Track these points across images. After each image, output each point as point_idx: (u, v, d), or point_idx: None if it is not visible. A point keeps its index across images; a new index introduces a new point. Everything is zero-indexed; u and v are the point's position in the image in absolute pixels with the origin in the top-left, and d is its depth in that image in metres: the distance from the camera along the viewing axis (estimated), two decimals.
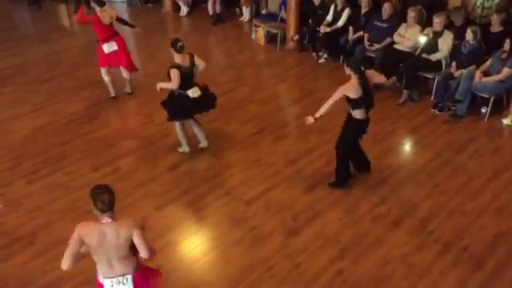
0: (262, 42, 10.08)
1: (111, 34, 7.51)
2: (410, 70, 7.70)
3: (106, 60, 7.60)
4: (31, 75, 8.85)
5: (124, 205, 5.65)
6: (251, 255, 4.97)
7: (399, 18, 8.33)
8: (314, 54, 9.41)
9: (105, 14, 7.32)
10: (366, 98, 5.38)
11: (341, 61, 9.03)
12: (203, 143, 6.57)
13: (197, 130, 6.52)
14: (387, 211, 5.54)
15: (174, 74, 5.86)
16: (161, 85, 6.08)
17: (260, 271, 4.79)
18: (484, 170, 6.20)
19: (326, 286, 4.63)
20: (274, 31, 9.92)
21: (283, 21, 10.02)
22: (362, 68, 5.34)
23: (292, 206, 5.63)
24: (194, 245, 5.20)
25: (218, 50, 10.48)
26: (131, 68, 7.92)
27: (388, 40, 8.24)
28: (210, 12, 11.18)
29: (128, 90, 8.07)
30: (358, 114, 5.45)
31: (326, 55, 9.25)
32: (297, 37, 9.55)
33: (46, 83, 8.56)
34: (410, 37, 7.99)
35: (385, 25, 8.30)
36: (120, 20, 7.79)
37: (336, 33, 9.01)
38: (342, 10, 8.99)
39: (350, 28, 8.80)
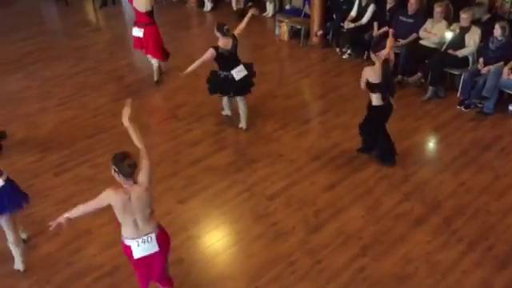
0: (286, 37, 10.05)
1: (143, 22, 7.81)
2: (436, 67, 7.58)
3: (137, 43, 8.08)
4: (58, 69, 9.01)
5: None
6: (272, 251, 4.99)
7: (425, 14, 8.19)
8: (337, 50, 9.34)
9: (137, 0, 7.65)
10: (383, 85, 5.53)
11: (365, 57, 8.95)
12: (242, 123, 6.92)
13: (241, 109, 6.85)
14: (410, 209, 5.48)
15: (208, 52, 6.32)
16: (188, 69, 6.50)
17: (281, 267, 4.80)
18: (511, 168, 6.07)
19: (348, 283, 4.61)
20: (298, 26, 9.88)
21: (307, 16, 9.96)
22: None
23: (314, 202, 5.62)
24: (215, 239, 5.24)
25: (241, 46, 10.42)
26: (159, 57, 8.19)
27: (414, 36, 8.12)
28: (234, 7, 11.19)
29: (155, 77, 8.32)
30: (374, 99, 5.65)
31: (349, 51, 9.17)
32: (320, 32, 9.49)
33: (72, 78, 8.70)
34: (437, 32, 7.85)
35: (410, 20, 8.17)
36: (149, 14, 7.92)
37: (360, 28, 8.92)
38: (367, 5, 8.89)
39: (375, 23, 8.70)
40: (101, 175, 6.13)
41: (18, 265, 4.80)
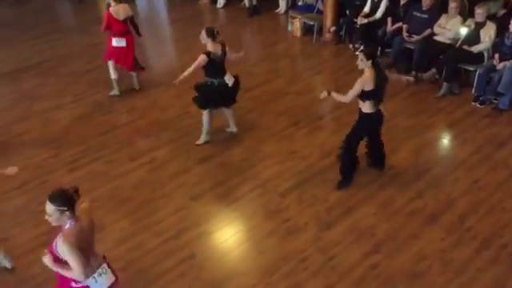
0: (298, 33, 10.02)
1: (124, 31, 7.48)
2: (451, 62, 7.50)
3: (115, 54, 7.59)
4: (72, 67, 9.09)
5: (160, 195, 5.78)
6: (284, 247, 4.99)
7: (440, 9, 8.11)
8: (350, 46, 9.29)
9: (118, 9, 7.32)
10: (377, 91, 5.17)
11: (378, 52, 8.88)
12: (232, 128, 6.75)
13: (229, 114, 6.66)
14: (423, 206, 5.44)
15: (200, 57, 5.98)
16: (181, 77, 6.12)
17: (293, 263, 4.80)
18: None
19: (360, 280, 4.60)
20: (311, 23, 9.84)
21: (320, 12, 9.92)
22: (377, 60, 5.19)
23: (326, 199, 5.61)
24: (227, 235, 5.26)
25: (253, 42, 10.49)
26: (132, 69, 7.90)
27: (428, 31, 8.04)
28: (247, 4, 11.19)
29: (136, 86, 8.03)
30: (366, 106, 5.24)
31: (362, 47, 9.09)
32: (333, 28, 9.45)
33: (85, 75, 8.78)
34: (451, 28, 7.77)
35: (425, 15, 8.10)
36: (132, 22, 7.71)
37: (374, 24, 8.86)
38: (380, 0, 8.82)
39: (389, 19, 8.63)
40: (114, 171, 6.19)
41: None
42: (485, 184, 5.73)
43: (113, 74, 7.74)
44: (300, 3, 10.79)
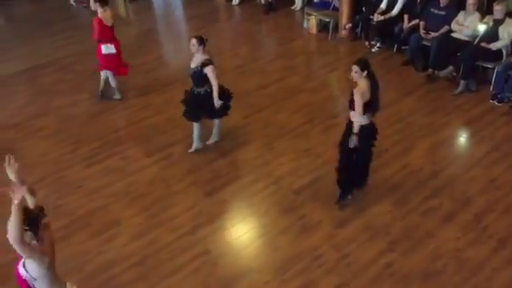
0: (314, 30, 9.98)
1: (112, 37, 7.31)
2: (468, 60, 7.41)
3: (109, 62, 7.41)
4: (89, 63, 9.14)
5: (174, 191, 5.83)
6: (298, 244, 5.00)
7: (457, 6, 8.01)
8: (366, 43, 9.23)
9: (107, 15, 7.13)
10: (373, 101, 4.92)
11: (394, 50, 8.83)
12: (214, 138, 6.52)
13: (217, 124, 6.43)
14: (439, 205, 5.40)
15: (212, 68, 5.77)
16: (215, 94, 5.90)
17: (307, 260, 4.81)
18: None
19: (375, 278, 4.59)
20: (327, 19, 9.79)
21: (336, 9, 9.87)
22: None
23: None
24: (242, 232, 5.28)
25: (269, 39, 10.48)
26: (126, 72, 7.70)
27: (445, 28, 7.95)
28: (263, 1, 11.17)
29: (118, 96, 7.80)
30: (362, 119, 4.93)
31: (379, 44, 9.05)
32: (349, 25, 9.39)
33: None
34: (469, 25, 7.67)
35: (442, 12, 8.01)
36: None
37: (390, 21, 8.78)
38: None
39: (405, 16, 8.55)
40: (129, 167, 6.25)
41: None
42: (502, 183, 5.66)
43: (112, 83, 7.63)
44: (316, 0, 10.73)
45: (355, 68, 4.83)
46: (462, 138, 6.77)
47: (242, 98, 7.63)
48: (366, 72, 4.83)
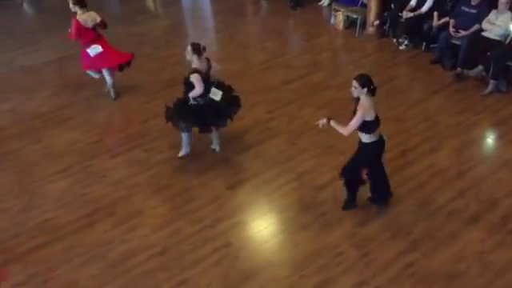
0: (341, 26, 9.90)
1: (96, 37, 7.22)
2: (499, 59, 7.24)
3: (96, 63, 7.30)
4: None
5: (197, 183, 5.87)
6: (319, 241, 4.98)
7: (489, 4, 7.83)
8: (394, 41, 9.10)
9: (85, 17, 7.03)
10: (378, 119, 4.77)
11: (423, 48, 8.69)
12: (216, 146, 6.38)
13: (216, 132, 6.26)
14: (465, 206, 5.31)
15: (197, 78, 5.57)
16: (190, 95, 5.74)
17: (327, 257, 4.79)
18: None
19: (395, 278, 4.55)
20: (354, 16, 9.70)
21: (364, 5, 9.76)
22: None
23: (363, 194, 5.54)
24: (262, 226, 5.29)
25: (295, 34, 10.44)
26: (126, 60, 7.54)
27: (476, 27, 7.78)
28: None
29: (113, 95, 7.72)
30: (368, 136, 4.78)
31: (407, 42, 8.92)
32: (377, 22, 9.28)
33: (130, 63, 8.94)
34: (501, 24, 7.49)
35: (473, 11, 7.84)
36: (103, 24, 7.32)
37: (419, 18, 8.64)
38: None
39: (435, 13, 8.40)
40: (152, 159, 6.32)
41: None
42: None
43: (109, 80, 7.58)
44: None
45: (354, 83, 4.60)
46: (490, 139, 6.63)
47: (266, 93, 7.65)
48: (366, 89, 4.58)
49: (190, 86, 5.72)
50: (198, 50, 5.69)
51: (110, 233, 5.23)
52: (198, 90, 5.63)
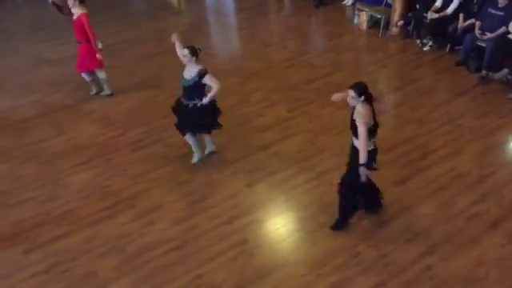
0: (364, 26, 9.83)
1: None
2: None
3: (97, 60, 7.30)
4: (141, 50, 9.40)
5: (216, 179, 5.91)
6: (337, 241, 4.97)
7: None
8: (418, 42, 9.01)
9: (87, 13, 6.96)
10: (375, 127, 4.60)
11: (447, 50, 8.58)
12: (211, 147, 6.31)
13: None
14: (486, 210, 5.23)
15: (212, 76, 5.53)
16: (209, 96, 5.59)
17: (344, 257, 4.78)
18: None
19: (413, 281, 4.51)
20: (378, 16, 9.62)
21: (388, 5, 9.68)
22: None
23: (382, 195, 5.50)
24: (280, 224, 5.30)
25: (318, 33, 10.41)
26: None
27: (503, 29, 7.64)
28: None
29: (108, 91, 7.79)
30: (369, 144, 4.57)
31: (431, 43, 8.81)
32: (401, 22, 9.19)
33: (153, 58, 9.05)
34: None
35: (500, 13, 7.70)
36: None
37: (444, 19, 8.53)
38: None
39: (461, 15, 8.29)
40: (173, 154, 6.38)
41: None
42: None
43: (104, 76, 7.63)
44: None
45: (351, 93, 4.44)
46: None
47: (288, 92, 7.65)
48: (363, 97, 4.43)
49: (199, 89, 5.59)
50: (195, 52, 5.55)
51: (129, 225, 5.30)
52: (217, 86, 5.56)
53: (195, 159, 6.16)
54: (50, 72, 8.67)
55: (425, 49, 8.83)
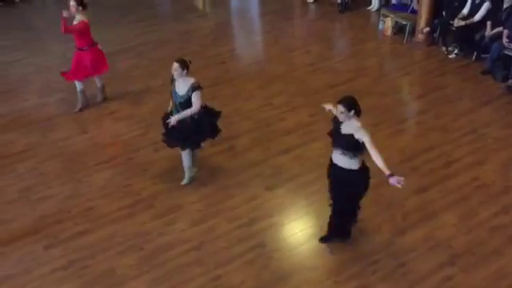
0: (389, 32, 9.75)
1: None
2: None
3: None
4: (165, 52, 9.48)
5: (236, 182, 5.92)
6: (355, 248, 4.93)
7: None
8: (443, 49, 8.89)
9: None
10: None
11: (473, 58, 8.45)
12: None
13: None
14: (509, 222, 5.13)
15: (199, 95, 5.38)
16: (177, 117, 5.39)
17: (362, 265, 4.74)
18: None
19: None
20: (403, 22, 9.53)
21: (414, 12, 9.58)
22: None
23: (403, 203, 5.45)
24: (298, 229, 5.28)
25: (342, 39, 10.36)
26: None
27: None
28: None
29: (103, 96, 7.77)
30: (358, 161, 4.52)
31: (457, 50, 8.69)
32: (427, 29, 9.08)
33: None
34: None
35: None
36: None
37: (471, 27, 8.41)
38: (481, 2, 8.34)
39: (488, 23, 8.15)
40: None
41: None
42: None
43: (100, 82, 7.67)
44: (394, 1, 10.47)
45: (341, 108, 4.30)
46: None
47: (309, 96, 7.63)
48: (353, 111, 4.33)
49: (187, 104, 5.36)
50: (186, 65, 5.37)
51: (149, 225, 5.35)
52: (196, 107, 5.34)
53: (186, 181, 5.89)
54: None
55: (450, 56, 8.71)
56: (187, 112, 5.35)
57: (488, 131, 6.60)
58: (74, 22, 7.02)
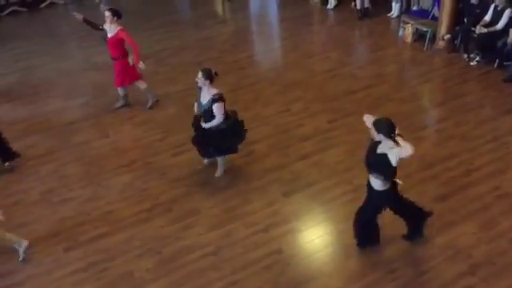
0: (409, 39, 9.67)
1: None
2: None
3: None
4: (184, 57, 9.58)
5: (254, 187, 5.94)
6: (373, 255, 4.89)
7: None
8: (465, 56, 8.79)
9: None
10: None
11: (495, 65, 8.34)
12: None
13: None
14: None
15: (221, 107, 5.51)
16: (214, 123, 5.59)
17: (381, 273, 4.70)
18: None
19: None
20: (424, 29, 9.46)
21: (435, 18, 9.50)
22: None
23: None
24: (315, 235, 5.26)
25: (361, 45, 10.32)
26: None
27: None
28: (358, 6, 11.01)
29: (154, 99, 7.90)
30: (383, 183, 4.61)
31: (478, 58, 8.58)
32: (448, 36, 8.99)
33: (196, 66, 9.13)
34: None
35: None
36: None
37: (493, 34, 8.30)
38: (503, 10, 8.24)
39: (511, 30, 8.04)
40: (211, 160, 6.43)
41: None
42: None
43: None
44: (414, 8, 10.40)
45: (372, 128, 4.54)
46: None
47: (328, 102, 7.61)
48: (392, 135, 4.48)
49: (209, 114, 5.52)
50: (211, 75, 5.46)
51: (167, 229, 5.39)
52: (219, 119, 5.52)
53: (219, 173, 6.15)
54: (98, 76, 8.93)
55: (472, 64, 8.60)
56: (212, 123, 5.57)
57: (510, 140, 6.49)
58: (111, 34, 7.06)
